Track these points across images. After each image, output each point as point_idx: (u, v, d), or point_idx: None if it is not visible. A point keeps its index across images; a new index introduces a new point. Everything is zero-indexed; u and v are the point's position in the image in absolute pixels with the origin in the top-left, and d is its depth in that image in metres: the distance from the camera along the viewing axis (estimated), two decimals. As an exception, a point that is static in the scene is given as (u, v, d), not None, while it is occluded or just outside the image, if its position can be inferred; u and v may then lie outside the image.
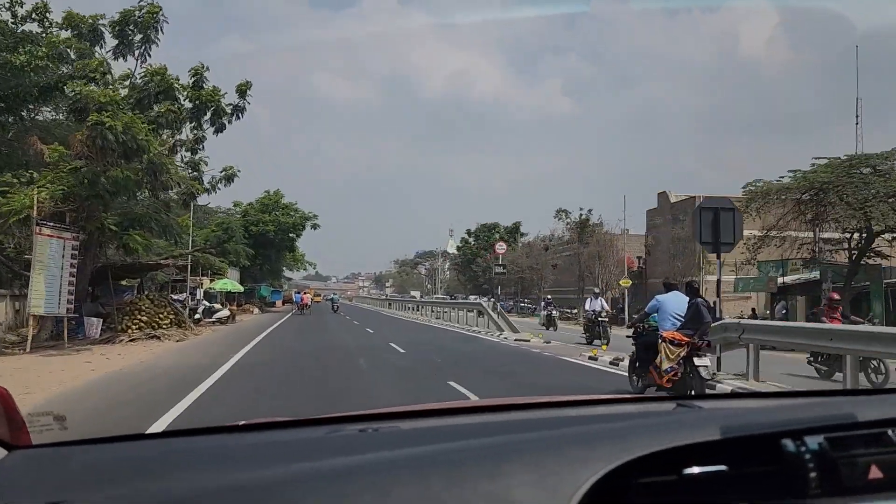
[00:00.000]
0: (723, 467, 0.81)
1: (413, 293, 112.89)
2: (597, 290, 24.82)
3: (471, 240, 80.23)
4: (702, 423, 0.88)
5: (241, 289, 36.46)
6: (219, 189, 25.30)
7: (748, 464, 0.82)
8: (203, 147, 24.38)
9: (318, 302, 66.47)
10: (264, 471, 0.87)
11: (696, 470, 0.80)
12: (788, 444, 0.81)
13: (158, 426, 7.43)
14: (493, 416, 1.37)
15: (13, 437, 1.07)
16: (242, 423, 1.33)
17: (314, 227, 52.95)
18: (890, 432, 0.82)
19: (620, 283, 39.18)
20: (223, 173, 25.08)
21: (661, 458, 0.80)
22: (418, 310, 48.69)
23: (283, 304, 75.99)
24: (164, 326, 21.84)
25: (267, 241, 51.18)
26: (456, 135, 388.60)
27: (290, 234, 52.73)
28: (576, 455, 0.79)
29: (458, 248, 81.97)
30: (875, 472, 0.79)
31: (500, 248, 44.01)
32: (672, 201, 40.88)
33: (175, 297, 32.42)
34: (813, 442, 0.81)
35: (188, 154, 24.13)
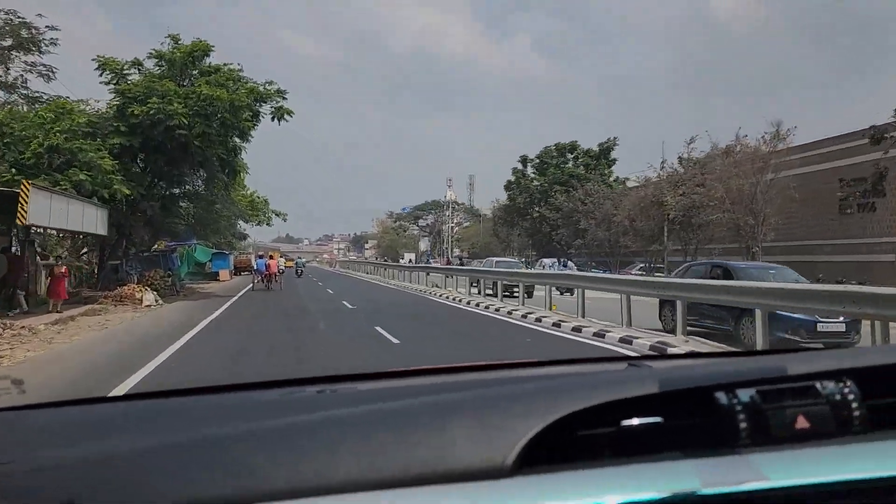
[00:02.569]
0: (659, 419, 0.85)
1: (407, 256, 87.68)
2: None
3: (529, 171, 51.76)
4: (641, 379, 0.90)
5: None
6: None
7: (684, 416, 0.86)
8: None
9: (290, 267, 49.38)
10: (220, 428, 0.89)
11: (633, 422, 0.84)
12: (722, 396, 0.85)
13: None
14: (446, 377, 1.37)
15: None
16: (203, 386, 1.32)
17: (278, 115, 24.38)
18: (818, 385, 0.86)
19: None
20: None
21: (601, 413, 0.84)
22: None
23: (237, 273, 50.64)
24: None
25: (175, 143, 22.73)
26: (429, 94, 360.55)
27: (231, 136, 24.32)
28: (517, 410, 0.83)
29: (508, 187, 52.97)
30: (802, 422, 0.83)
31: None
32: None
33: None
34: (745, 395, 0.85)
35: None
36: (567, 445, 0.83)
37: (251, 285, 31.65)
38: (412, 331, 14.76)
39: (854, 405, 0.85)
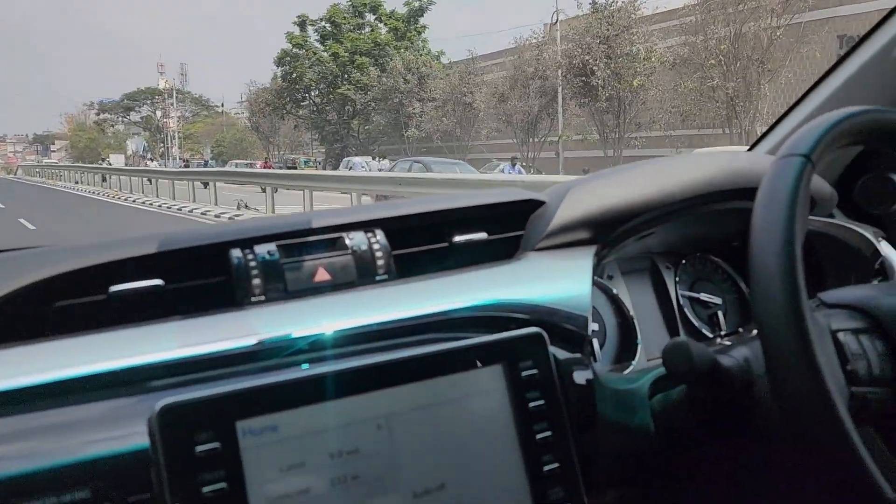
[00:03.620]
0: (159, 282, 0.77)
1: (112, 158, 69.85)
2: None
3: (313, 39, 38.39)
4: (140, 241, 0.81)
5: None
6: None
7: (191, 277, 0.80)
8: None
9: None
10: None
11: (122, 287, 0.76)
12: (236, 253, 0.80)
13: None
14: None
15: None
16: None
17: None
18: (345, 237, 0.85)
19: None
20: None
21: (86, 280, 0.76)
22: None
23: None
24: None
25: None
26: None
27: None
28: None
29: (283, 60, 38.67)
30: (322, 274, 0.83)
31: None
32: None
33: None
34: (261, 250, 0.81)
35: None
36: (43, 319, 0.73)
37: None
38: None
39: (379, 255, 0.84)
